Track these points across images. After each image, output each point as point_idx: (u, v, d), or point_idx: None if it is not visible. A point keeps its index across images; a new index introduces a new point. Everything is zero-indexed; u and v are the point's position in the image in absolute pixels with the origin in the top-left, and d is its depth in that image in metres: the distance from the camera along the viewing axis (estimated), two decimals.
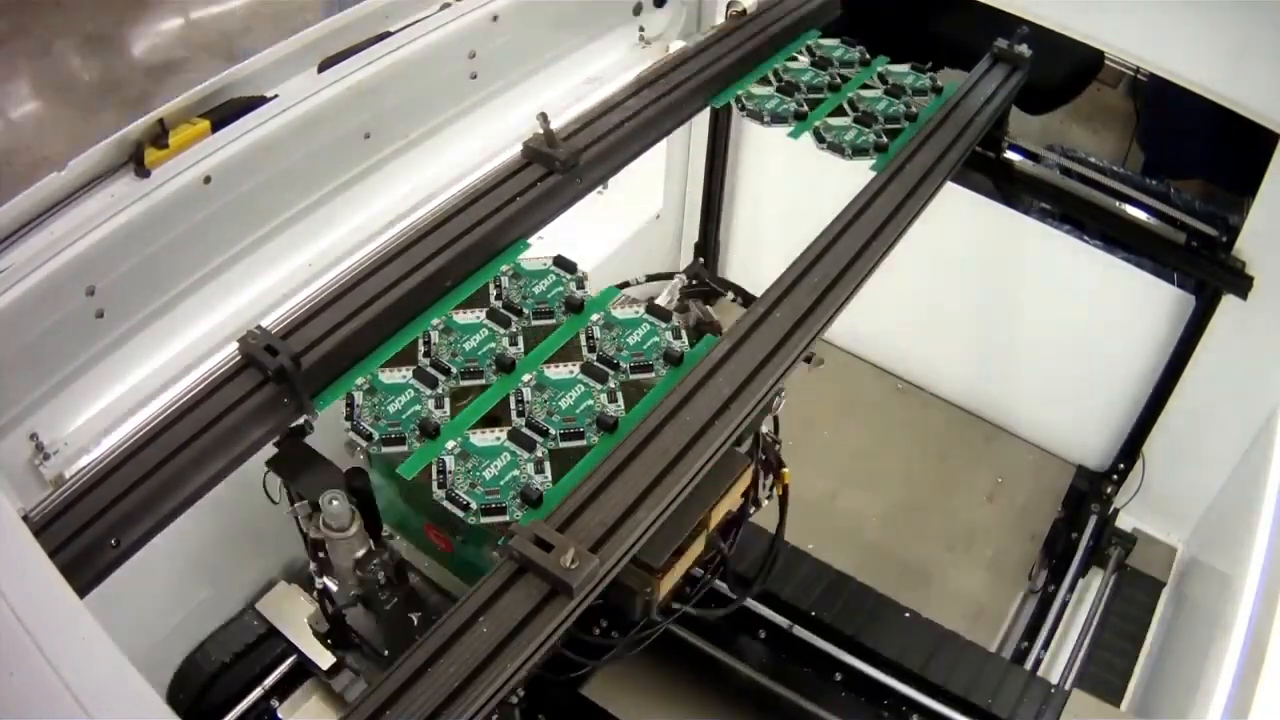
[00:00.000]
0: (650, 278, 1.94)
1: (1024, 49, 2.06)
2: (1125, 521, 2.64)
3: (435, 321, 1.50)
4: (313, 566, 1.54)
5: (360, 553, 1.44)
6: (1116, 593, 2.48)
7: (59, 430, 1.65)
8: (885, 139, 1.86)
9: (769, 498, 1.64)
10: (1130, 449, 2.57)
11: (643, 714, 2.09)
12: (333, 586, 1.54)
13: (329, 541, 1.42)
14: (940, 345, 2.81)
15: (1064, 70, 3.21)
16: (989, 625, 2.46)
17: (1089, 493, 2.66)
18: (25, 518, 1.16)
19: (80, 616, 1.00)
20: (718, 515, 1.48)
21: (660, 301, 1.74)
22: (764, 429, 1.57)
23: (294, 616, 2.08)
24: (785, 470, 1.62)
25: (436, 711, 1.04)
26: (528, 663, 1.11)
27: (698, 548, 1.47)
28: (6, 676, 0.94)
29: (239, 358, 1.35)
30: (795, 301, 1.50)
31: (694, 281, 1.90)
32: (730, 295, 1.89)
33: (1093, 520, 2.62)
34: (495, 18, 2.10)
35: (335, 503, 1.39)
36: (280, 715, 2.08)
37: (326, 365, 1.38)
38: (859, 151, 1.84)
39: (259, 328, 1.36)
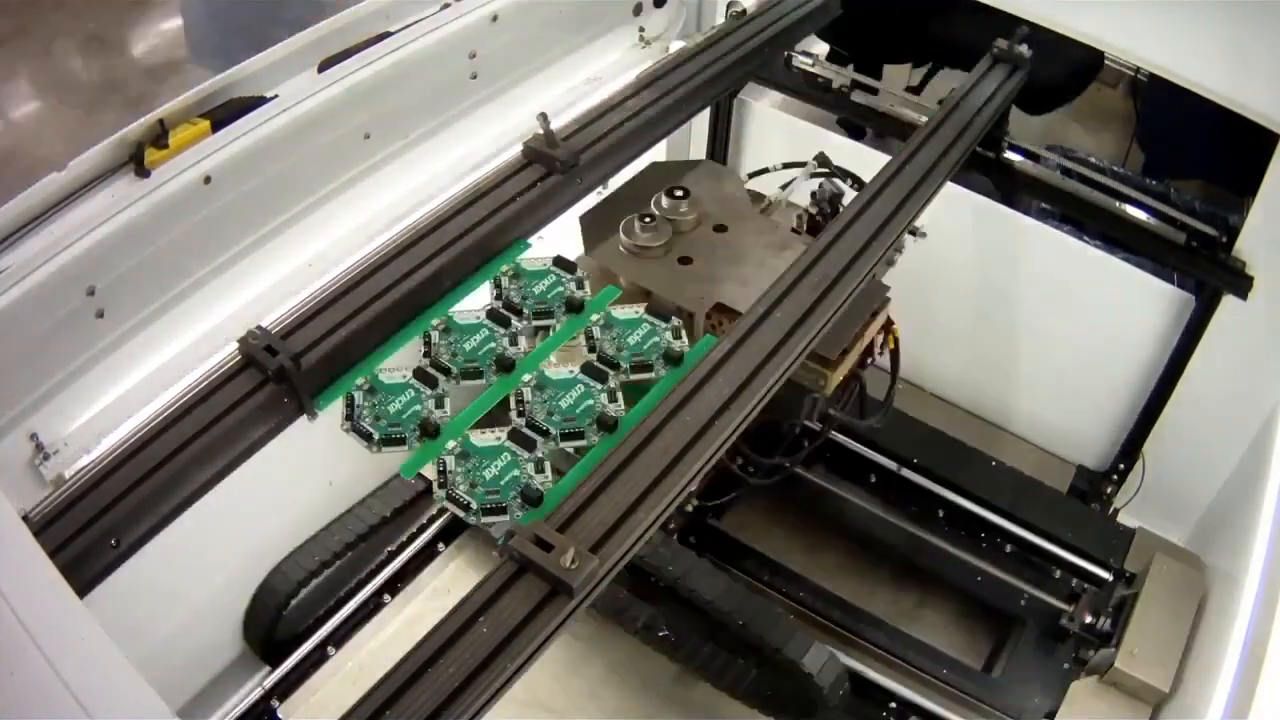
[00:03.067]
0: (785, 165, 2.19)
1: (1024, 49, 2.06)
2: (1125, 521, 2.63)
3: (435, 321, 1.50)
4: None
5: None
6: None
7: (59, 430, 1.65)
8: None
9: (881, 354, 1.94)
10: (1130, 449, 2.57)
11: (772, 548, 2.44)
12: None
13: None
14: (940, 345, 2.81)
15: (1064, 70, 3.21)
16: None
17: (1089, 492, 2.66)
18: (25, 518, 1.16)
19: (80, 616, 1.00)
20: (870, 331, 1.80)
21: (792, 186, 2.07)
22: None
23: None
24: (895, 326, 1.90)
25: (437, 711, 1.04)
26: (528, 662, 1.11)
27: (853, 357, 1.77)
28: (6, 676, 0.94)
29: (239, 358, 1.35)
30: (795, 301, 1.50)
31: (821, 166, 2.13)
32: (850, 182, 2.11)
33: None
34: (495, 18, 2.09)
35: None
36: (280, 715, 2.09)
37: (326, 365, 1.39)
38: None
39: (259, 328, 1.36)
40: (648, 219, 1.78)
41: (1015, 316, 2.67)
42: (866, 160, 2.10)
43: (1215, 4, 1.95)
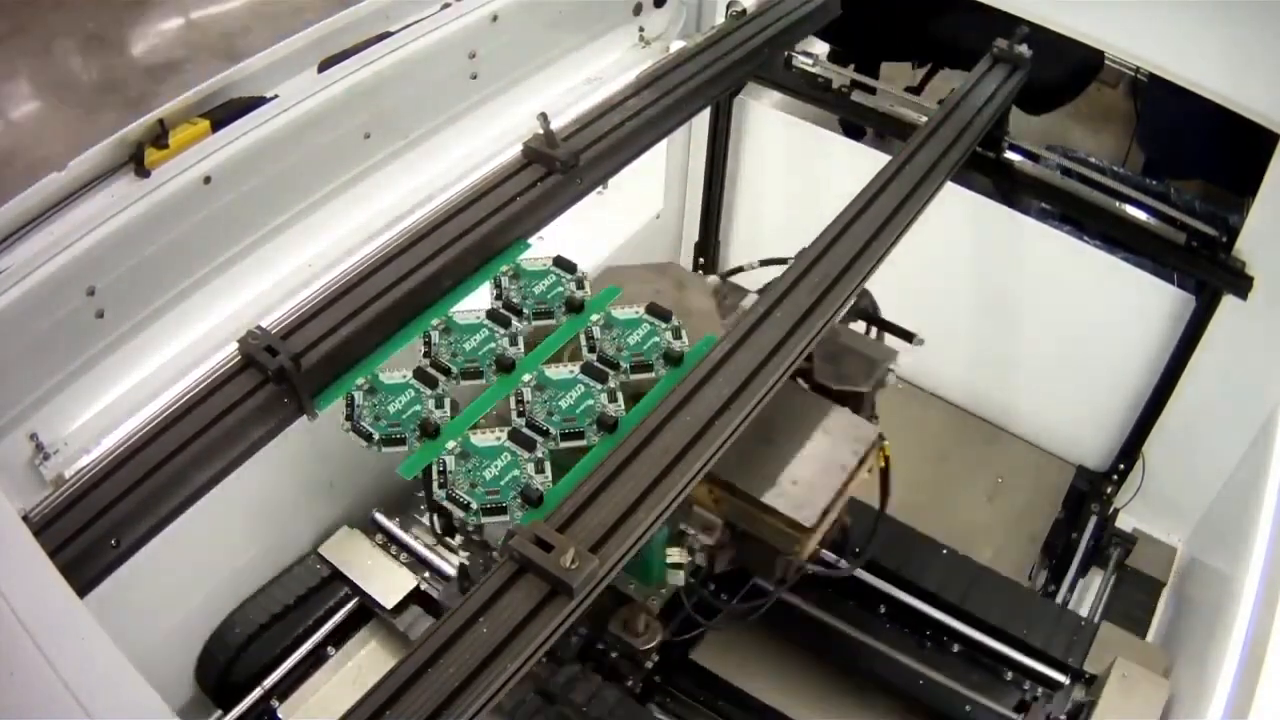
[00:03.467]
0: (764, 262, 2.02)
1: (1024, 49, 2.06)
2: (1125, 521, 2.64)
3: (435, 321, 1.50)
4: (457, 540, 1.66)
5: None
6: (1116, 593, 2.48)
7: (59, 430, 1.65)
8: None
9: (870, 470, 1.72)
10: (1130, 449, 2.57)
11: (734, 671, 2.18)
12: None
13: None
14: (940, 345, 2.80)
15: (1064, 70, 3.21)
16: None
17: (1089, 493, 2.66)
18: (25, 518, 1.16)
19: (80, 616, 1.00)
20: (855, 482, 1.61)
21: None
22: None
23: (357, 560, 2.20)
24: (886, 444, 1.70)
25: (437, 711, 1.04)
26: (528, 663, 1.11)
27: (834, 515, 1.57)
28: (6, 676, 0.94)
29: (239, 358, 1.35)
30: (795, 301, 1.50)
31: None
32: None
33: (1093, 520, 2.62)
34: (495, 18, 2.10)
35: None
36: (280, 715, 2.08)
37: (326, 365, 1.38)
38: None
39: (259, 328, 1.36)
40: None
41: (1015, 317, 2.67)
42: (866, 160, 2.11)
43: (1215, 4, 1.95)
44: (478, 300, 1.56)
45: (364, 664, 2.17)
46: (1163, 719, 1.88)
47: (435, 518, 1.57)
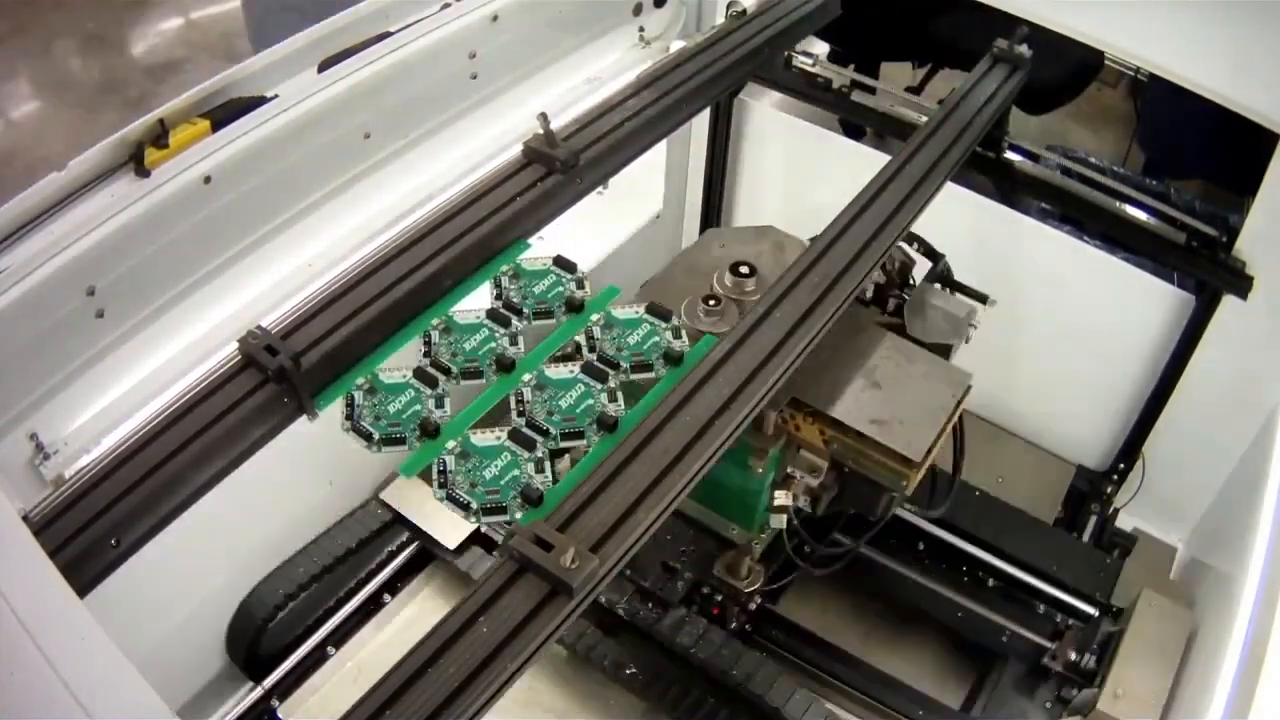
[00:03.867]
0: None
1: (1024, 49, 2.06)
2: (1125, 521, 2.64)
3: (435, 321, 1.50)
4: None
5: None
6: None
7: (59, 430, 1.65)
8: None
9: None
10: (1130, 449, 2.57)
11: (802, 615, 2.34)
12: None
13: None
14: None
15: (1064, 70, 3.21)
16: None
17: (1089, 493, 2.66)
18: (25, 518, 1.16)
19: (80, 616, 1.00)
20: (948, 429, 1.72)
21: None
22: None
23: (417, 504, 2.27)
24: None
25: (437, 711, 1.04)
26: (528, 662, 1.11)
27: (935, 453, 1.69)
28: (6, 676, 0.94)
29: (239, 358, 1.35)
30: (795, 301, 1.50)
31: None
32: (916, 246, 2.04)
33: (1093, 520, 2.62)
34: (495, 18, 2.09)
35: None
36: (280, 715, 2.08)
37: (326, 365, 1.38)
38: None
39: (259, 328, 1.36)
40: (712, 301, 1.70)
41: (1015, 317, 2.66)
42: (866, 160, 2.11)
43: (1215, 4, 1.95)
44: (478, 300, 1.56)
45: (370, 660, 2.20)
46: (1187, 646, 1.96)
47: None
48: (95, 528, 1.19)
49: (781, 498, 1.74)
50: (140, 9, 5.18)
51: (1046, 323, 2.61)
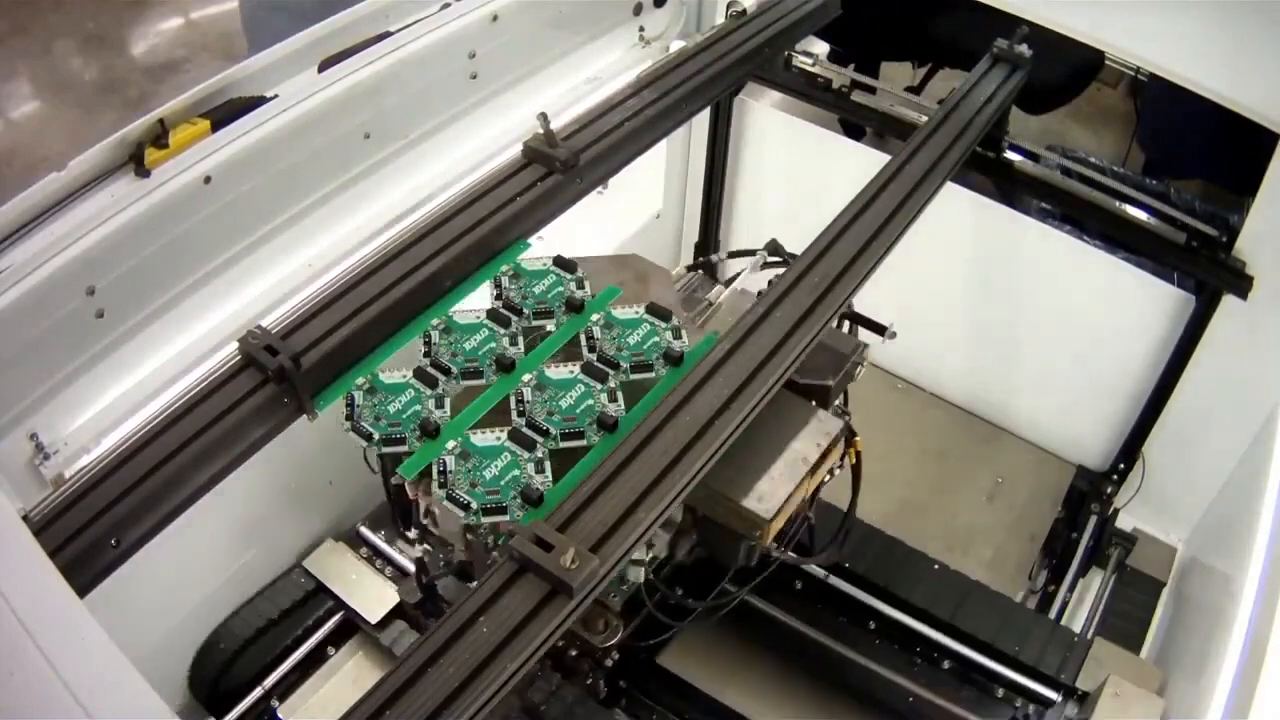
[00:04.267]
0: (731, 254, 2.07)
1: (1024, 49, 2.06)
2: (1125, 521, 2.64)
3: (435, 321, 1.50)
4: (413, 534, 1.62)
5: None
6: (1116, 593, 2.48)
7: (59, 430, 1.65)
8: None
9: (840, 468, 1.71)
10: (1130, 449, 2.57)
11: (712, 682, 2.15)
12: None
13: (441, 509, 1.41)
14: (940, 345, 2.81)
15: (1064, 70, 3.21)
16: None
17: (1089, 493, 2.66)
18: (25, 518, 1.16)
19: (80, 616, 1.00)
20: (818, 476, 1.59)
21: (742, 275, 1.89)
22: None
23: (341, 573, 2.17)
24: (858, 439, 1.69)
25: (436, 711, 1.04)
26: (528, 662, 1.11)
27: (799, 500, 1.57)
28: (6, 676, 0.94)
29: (239, 358, 1.35)
30: (795, 301, 1.50)
31: (772, 255, 1.93)
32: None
33: (1093, 520, 2.62)
34: (495, 18, 2.09)
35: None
36: (280, 715, 2.08)
37: (326, 365, 1.38)
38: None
39: (259, 328, 1.36)
40: None
41: (1015, 317, 2.67)
42: (866, 160, 2.10)
43: (1215, 4, 1.95)
44: (478, 300, 1.56)
45: (358, 669, 2.15)
46: None
47: (394, 509, 1.62)
48: (95, 528, 1.19)
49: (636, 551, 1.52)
50: (140, 9, 5.18)
51: (1047, 323, 2.61)
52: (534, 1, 2.18)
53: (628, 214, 2.84)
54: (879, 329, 1.86)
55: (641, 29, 2.51)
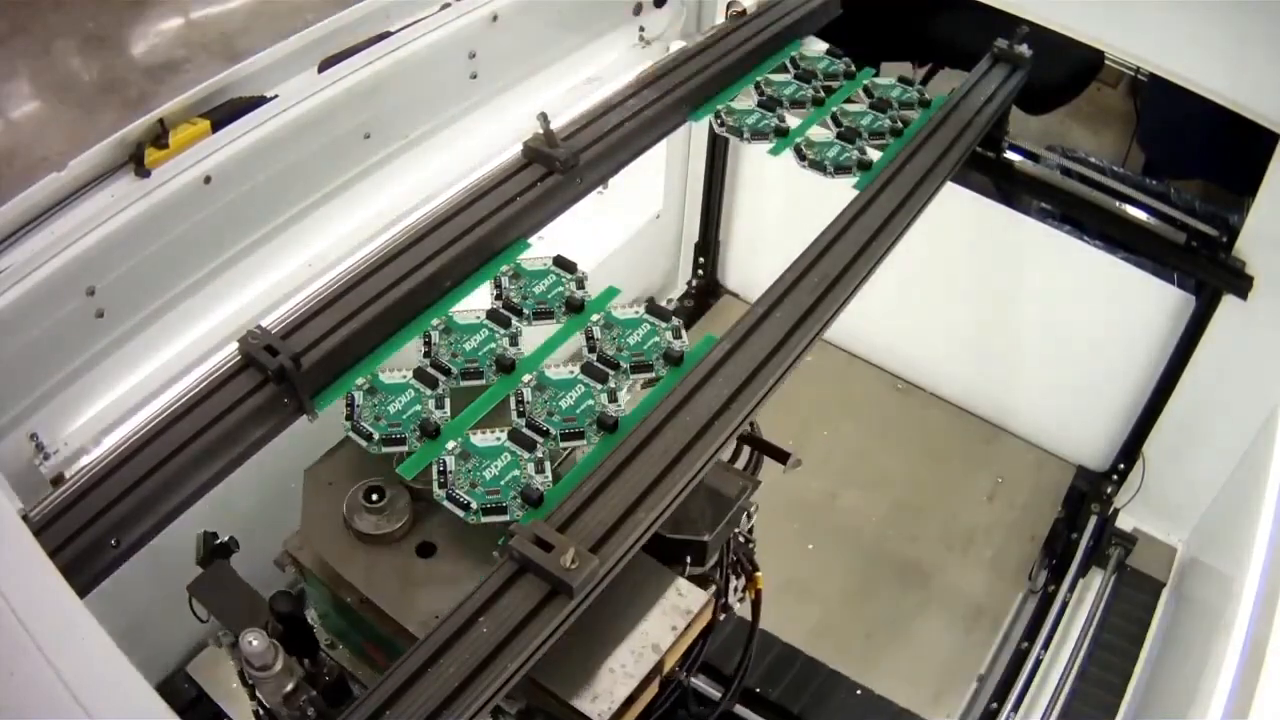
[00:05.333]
0: None
1: (1024, 49, 2.06)
2: (1125, 521, 2.64)
3: (435, 321, 1.50)
4: (248, 692, 1.39)
5: (289, 687, 1.28)
6: (1116, 593, 2.49)
7: (59, 430, 1.65)
8: (869, 155, 1.82)
9: (740, 600, 1.53)
10: (1130, 449, 2.57)
11: None
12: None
13: (254, 680, 1.28)
14: (940, 345, 2.81)
15: (1064, 70, 3.21)
16: (988, 626, 2.46)
17: (1089, 493, 2.66)
18: (25, 518, 1.16)
19: (80, 616, 1.00)
20: (674, 656, 1.32)
21: None
22: (735, 530, 1.47)
23: (227, 681, 1.87)
24: (759, 575, 1.51)
25: (436, 711, 1.04)
26: (528, 663, 1.11)
27: (651, 692, 1.32)
28: (6, 676, 0.94)
29: (239, 358, 1.35)
30: (795, 301, 1.50)
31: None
32: None
33: (1093, 520, 2.62)
34: (495, 18, 2.09)
35: (255, 642, 1.24)
36: None
37: (326, 365, 1.38)
38: (841, 169, 1.80)
39: (259, 328, 1.36)
40: (374, 496, 1.36)
41: (1015, 316, 2.67)
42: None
43: (1215, 4, 1.95)
44: (478, 300, 1.56)
45: None
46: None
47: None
48: (95, 528, 1.19)
49: None
50: (140, 9, 5.18)
51: (1046, 322, 2.61)
52: (534, 1, 2.18)
53: (628, 214, 2.84)
54: (782, 457, 1.55)
55: (641, 29, 2.51)
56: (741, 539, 1.52)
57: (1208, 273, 2.21)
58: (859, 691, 1.99)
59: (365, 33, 2.01)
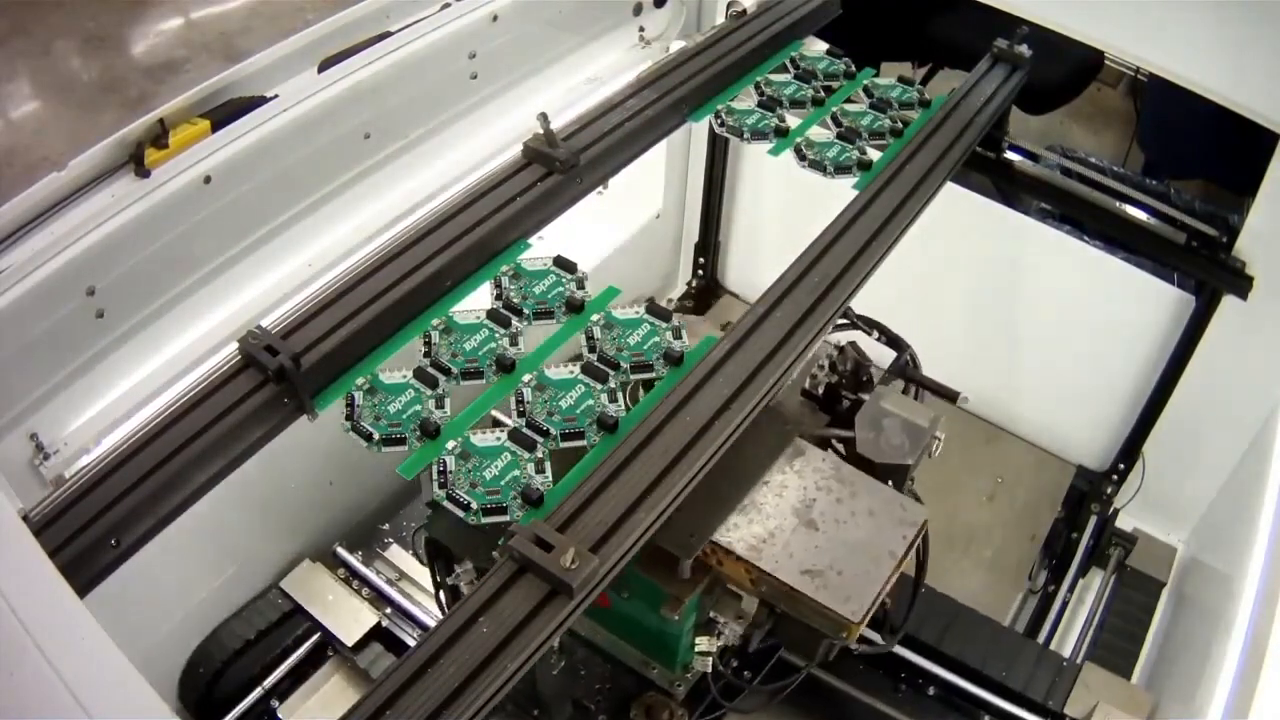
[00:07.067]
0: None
1: (1024, 49, 2.06)
2: (1125, 521, 2.64)
3: (435, 321, 1.50)
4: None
5: None
6: (1116, 593, 2.49)
7: (59, 430, 1.65)
8: (869, 155, 1.81)
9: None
10: (1130, 449, 2.57)
11: None
12: None
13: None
14: (940, 345, 2.80)
15: (1064, 70, 3.21)
16: None
17: (1089, 493, 2.66)
18: (25, 518, 1.16)
19: (80, 616, 1.00)
20: (893, 578, 1.46)
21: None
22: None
23: (319, 594, 2.16)
24: (925, 520, 1.57)
25: (436, 712, 1.04)
26: (528, 663, 1.11)
27: (881, 598, 1.44)
28: (6, 676, 0.94)
29: (239, 358, 1.35)
30: (795, 301, 1.50)
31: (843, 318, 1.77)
32: (878, 335, 1.89)
33: (1093, 520, 2.62)
34: (495, 18, 2.10)
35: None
36: (280, 716, 2.08)
37: (327, 365, 1.38)
38: (841, 169, 1.79)
39: (259, 328, 1.36)
40: None
41: (1015, 316, 2.67)
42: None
43: (1215, 4, 1.95)
44: (478, 300, 1.56)
45: (334, 692, 2.14)
46: None
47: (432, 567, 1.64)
48: (95, 528, 1.19)
49: (704, 644, 1.53)
50: (140, 9, 5.18)
51: (1047, 323, 2.61)
52: (534, 1, 2.18)
53: (628, 214, 2.84)
54: (951, 396, 1.77)
55: (641, 29, 2.51)
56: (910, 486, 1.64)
57: (1208, 273, 2.21)
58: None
59: (365, 33, 2.01)
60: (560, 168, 1.63)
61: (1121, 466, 2.60)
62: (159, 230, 1.69)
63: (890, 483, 1.56)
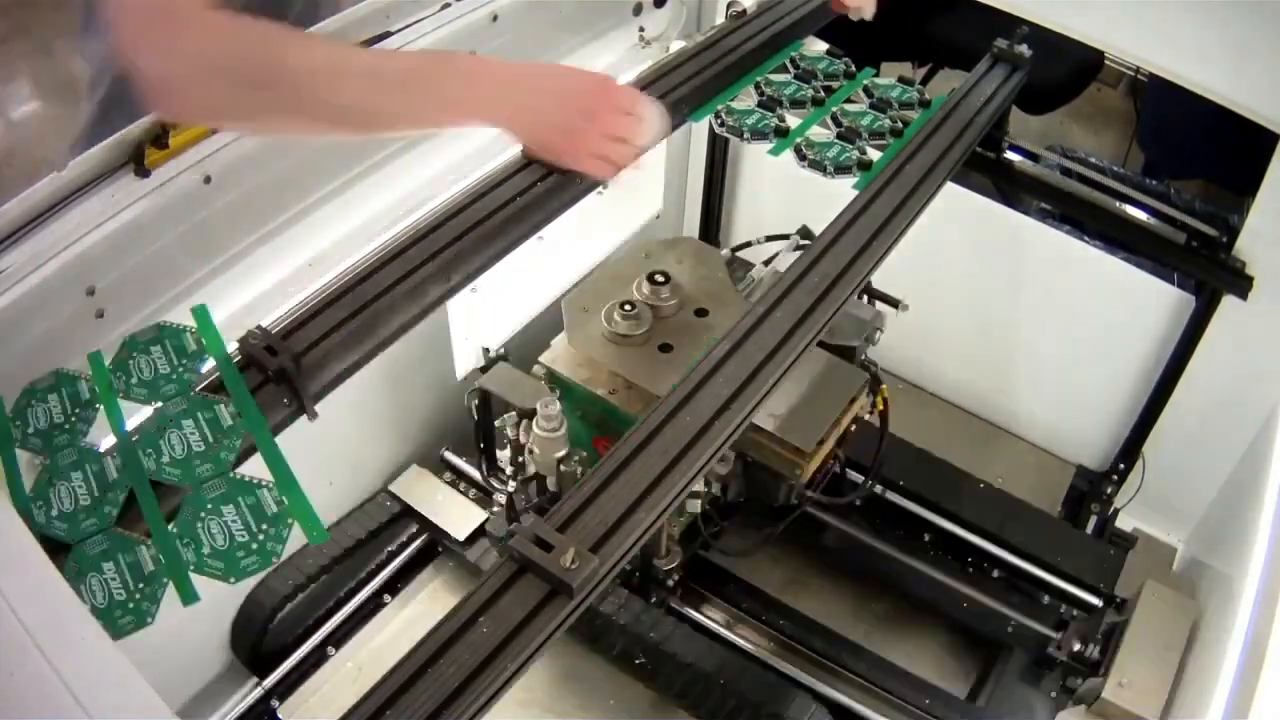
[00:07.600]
0: (769, 238, 2.27)
1: (1024, 49, 2.06)
2: (1125, 521, 2.64)
3: None
4: (508, 470, 1.90)
5: (562, 451, 1.73)
6: None
7: None
8: (869, 155, 1.82)
9: (870, 413, 2.01)
10: (1130, 449, 2.57)
11: (749, 572, 2.36)
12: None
13: (539, 442, 1.71)
14: (940, 345, 2.81)
15: (1064, 70, 3.21)
16: None
17: (1089, 493, 2.66)
18: None
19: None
20: (847, 418, 1.90)
21: (775, 260, 2.14)
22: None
23: (427, 496, 2.32)
24: (884, 386, 1.99)
25: (436, 711, 1.04)
26: (528, 662, 1.11)
27: (829, 445, 1.85)
28: (6, 676, 0.94)
29: (239, 358, 1.35)
30: (795, 301, 1.50)
31: (804, 239, 2.16)
32: None
33: (1093, 520, 2.62)
34: (495, 18, 2.10)
35: (553, 405, 1.68)
36: (280, 716, 2.09)
37: (327, 365, 1.38)
38: (841, 169, 1.80)
39: (259, 328, 1.36)
40: (628, 306, 1.84)
41: (1015, 317, 2.67)
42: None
43: (1215, 4, 1.95)
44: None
45: (370, 660, 2.22)
46: (1190, 637, 1.95)
47: (481, 453, 2.00)
48: None
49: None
50: None
51: (1046, 323, 2.61)
52: (534, 1, 2.18)
53: (628, 214, 2.84)
54: (893, 302, 2.11)
55: (641, 29, 2.51)
56: (868, 361, 2.02)
57: (1208, 273, 2.21)
58: (982, 485, 2.50)
59: (365, 33, 2.00)
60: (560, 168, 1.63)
61: (1121, 466, 2.60)
62: (159, 230, 1.69)
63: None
